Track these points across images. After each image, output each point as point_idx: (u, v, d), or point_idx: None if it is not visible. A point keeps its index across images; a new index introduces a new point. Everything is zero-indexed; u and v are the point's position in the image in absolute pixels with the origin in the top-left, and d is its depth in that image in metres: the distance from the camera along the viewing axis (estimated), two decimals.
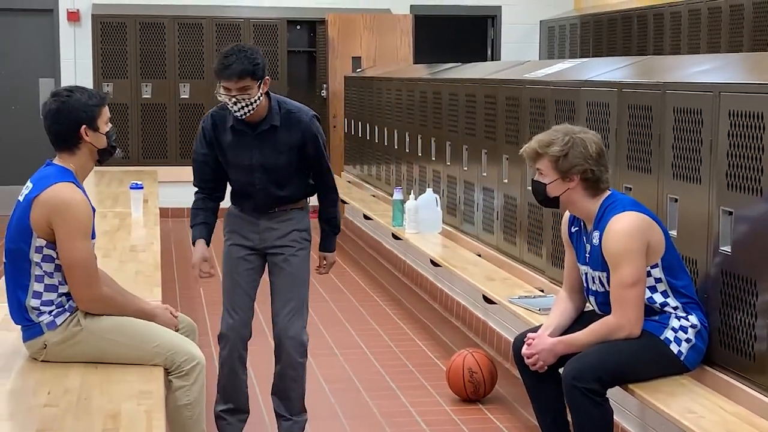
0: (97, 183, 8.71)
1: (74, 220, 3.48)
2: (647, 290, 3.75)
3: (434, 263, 6.60)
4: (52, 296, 3.55)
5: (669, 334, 3.74)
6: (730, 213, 3.66)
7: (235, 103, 4.11)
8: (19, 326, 3.62)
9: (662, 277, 3.76)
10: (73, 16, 11.62)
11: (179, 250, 9.38)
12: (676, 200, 4.04)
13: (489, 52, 12.85)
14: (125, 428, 3.01)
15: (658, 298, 3.78)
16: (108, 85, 11.32)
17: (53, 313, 3.54)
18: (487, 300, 5.53)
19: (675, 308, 3.77)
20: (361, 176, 10.21)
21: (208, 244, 4.34)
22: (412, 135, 8.22)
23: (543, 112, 5.46)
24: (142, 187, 7.02)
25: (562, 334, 3.91)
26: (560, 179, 3.86)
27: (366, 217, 8.69)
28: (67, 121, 3.57)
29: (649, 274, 3.74)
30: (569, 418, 3.81)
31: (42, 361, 3.57)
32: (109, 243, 5.76)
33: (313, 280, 4.60)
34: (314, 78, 12.40)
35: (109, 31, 11.42)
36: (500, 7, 12.57)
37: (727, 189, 3.67)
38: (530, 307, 4.81)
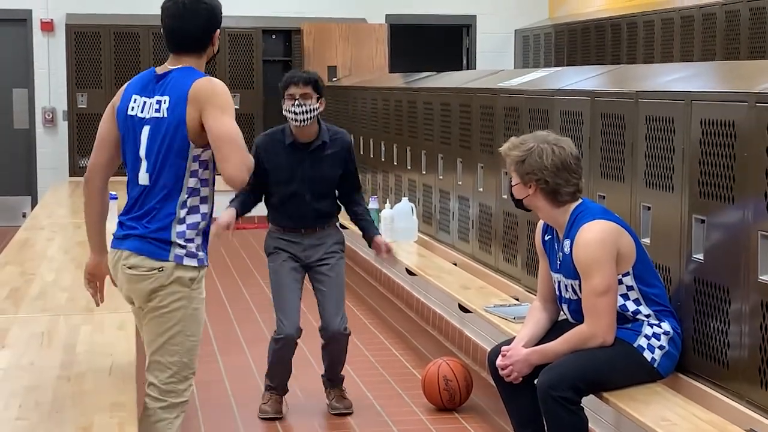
0: (70, 194, 8.65)
1: (223, 101, 3.34)
2: (619, 298, 3.76)
3: (410, 272, 6.60)
4: (192, 233, 3.36)
5: (642, 341, 3.75)
6: (703, 221, 3.68)
7: (299, 106, 4.84)
8: (140, 233, 3.48)
9: (634, 284, 3.77)
10: (47, 26, 11.57)
11: None
12: (649, 208, 4.05)
13: (464, 61, 12.88)
14: None
15: (631, 306, 3.79)
16: (82, 95, 11.26)
17: (187, 252, 3.36)
18: (463, 309, 5.53)
19: (647, 316, 3.78)
20: None
21: (237, 216, 4.93)
22: (388, 144, 8.22)
23: (517, 120, 5.48)
24: (116, 197, 6.93)
25: (536, 344, 3.92)
26: (521, 183, 3.89)
27: (342, 227, 8.65)
28: (208, 23, 3.48)
29: (620, 282, 3.75)
30: (546, 428, 3.82)
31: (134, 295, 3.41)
32: (83, 253, 5.71)
33: None
34: None
35: (83, 41, 11.37)
36: (475, 16, 12.61)
37: (700, 197, 3.69)
38: (505, 315, 4.82)
